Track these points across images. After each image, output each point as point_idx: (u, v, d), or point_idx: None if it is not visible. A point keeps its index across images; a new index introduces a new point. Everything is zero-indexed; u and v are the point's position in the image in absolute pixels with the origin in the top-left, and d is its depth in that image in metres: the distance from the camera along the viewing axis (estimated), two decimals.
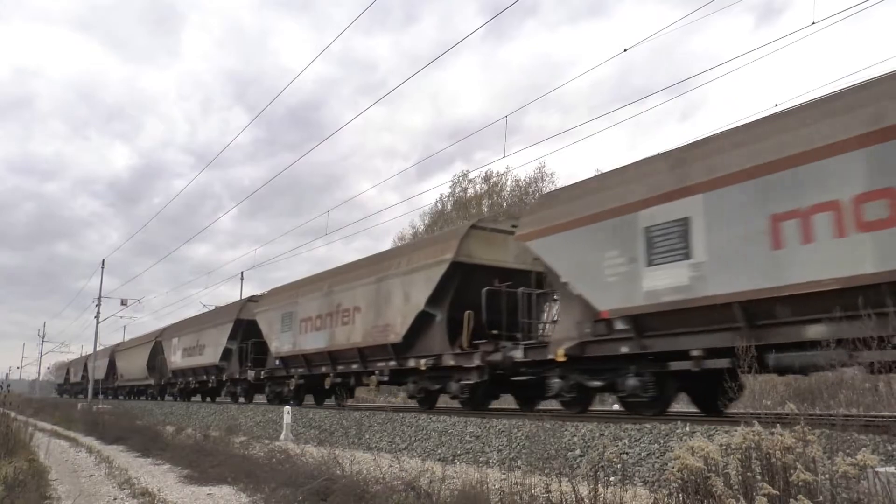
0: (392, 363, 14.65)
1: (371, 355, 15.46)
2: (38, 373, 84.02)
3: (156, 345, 33.40)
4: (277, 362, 20.13)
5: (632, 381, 9.59)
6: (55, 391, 71.42)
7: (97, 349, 43.04)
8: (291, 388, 19.30)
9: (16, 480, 6.96)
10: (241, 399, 24.45)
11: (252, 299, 24.38)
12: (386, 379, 15.24)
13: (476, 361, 12.33)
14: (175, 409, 25.21)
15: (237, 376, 23.71)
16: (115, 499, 7.44)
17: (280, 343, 19.79)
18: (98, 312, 41.25)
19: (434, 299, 13.41)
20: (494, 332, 12.34)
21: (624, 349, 9.58)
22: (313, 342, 17.84)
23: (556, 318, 12.41)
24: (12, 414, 14.41)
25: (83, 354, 56.35)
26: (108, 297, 43.52)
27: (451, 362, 12.93)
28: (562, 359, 10.30)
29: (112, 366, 43.99)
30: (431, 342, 13.58)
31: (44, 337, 72.44)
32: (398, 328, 14.18)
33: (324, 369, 17.60)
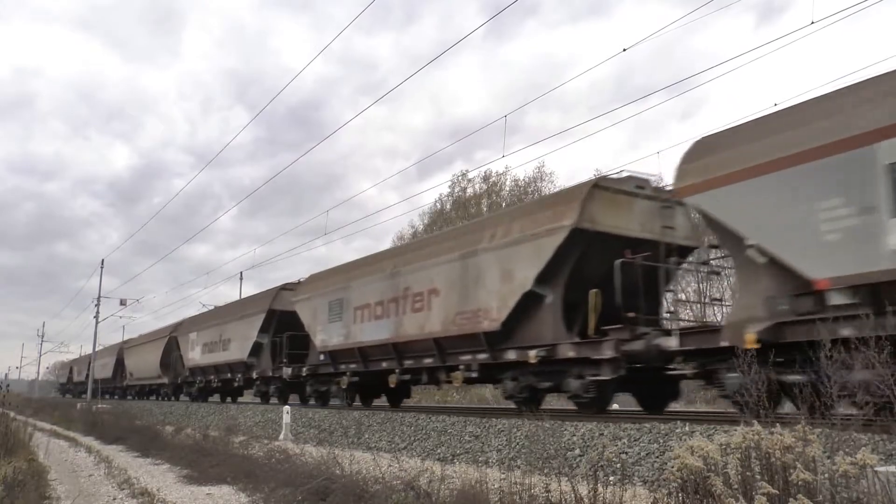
0: (483, 356, 12.26)
1: (452, 347, 13.09)
2: (38, 372, 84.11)
3: (170, 341, 31.38)
4: (323, 357, 17.51)
5: (862, 376, 7.71)
6: (57, 391, 69.58)
7: (97, 348, 43.02)
8: (343, 386, 16.93)
9: (15, 480, 6.95)
10: (274, 399, 22.38)
11: (287, 287, 21.60)
12: (475, 375, 12.80)
13: (608, 352, 10.04)
14: (174, 408, 25.19)
15: (269, 374, 21.25)
16: (114, 499, 7.44)
17: (327, 335, 17.13)
18: (97, 312, 41.31)
19: (545, 276, 11.09)
20: (631, 314, 10.19)
21: (846, 331, 6.95)
22: (373, 333, 15.24)
23: (715, 296, 10.73)
24: (11, 414, 14.40)
25: (88, 352, 53.73)
26: (107, 296, 43.64)
27: (571, 354, 10.62)
28: (753, 346, 7.86)
29: (120, 364, 41.87)
30: (540, 329, 11.27)
31: (43, 337, 72.45)
32: (494, 313, 11.79)
33: (385, 365, 15.03)
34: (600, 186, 11.25)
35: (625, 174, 11.77)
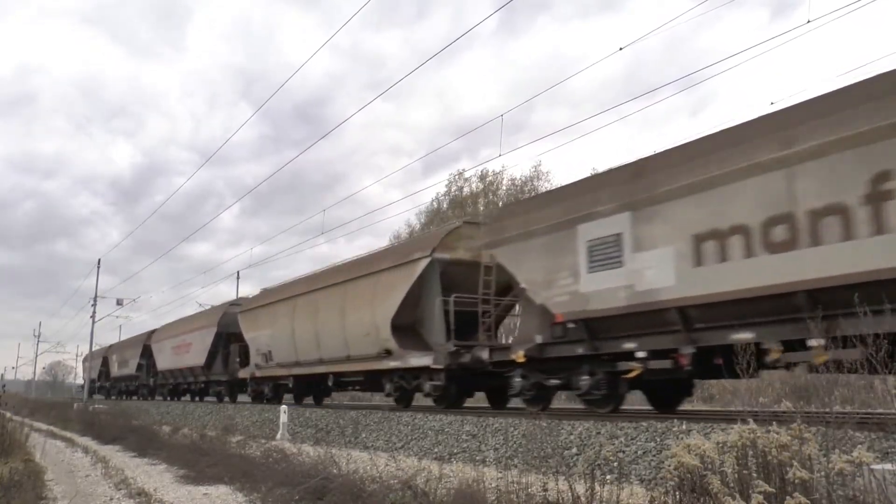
0: None
1: None
2: (34, 372, 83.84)
3: (429, 269, 13.66)
4: None
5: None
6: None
7: (89, 341, 42.86)
8: None
9: (12, 481, 6.94)
10: None
11: None
12: None
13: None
14: (171, 408, 25.13)
15: None
16: (111, 499, 7.43)
17: None
18: (94, 312, 41.19)
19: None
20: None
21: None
22: None
23: None
24: (8, 414, 14.39)
25: (134, 335, 37.27)
26: (104, 296, 43.36)
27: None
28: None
29: (223, 342, 25.08)
30: None
31: (39, 337, 72.02)
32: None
33: None
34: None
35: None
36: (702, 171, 8.61)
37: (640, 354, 9.42)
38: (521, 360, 11.28)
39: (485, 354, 12.29)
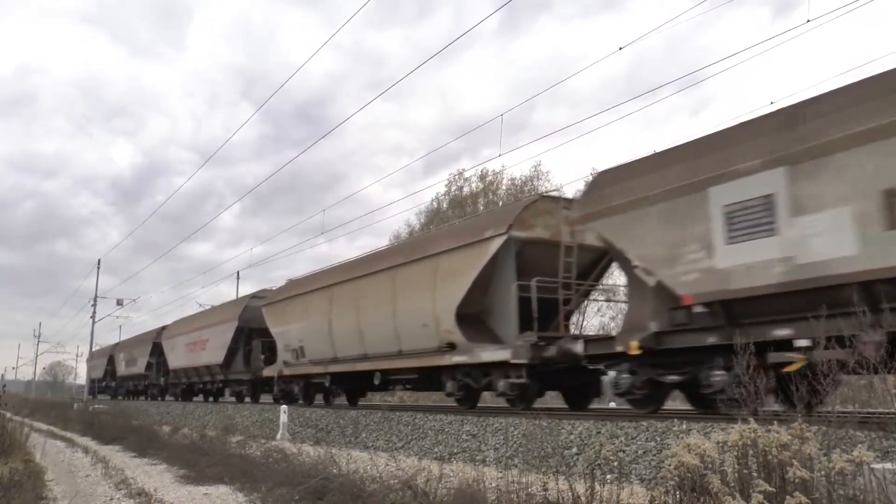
0: None
1: None
2: (34, 373, 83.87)
3: None
4: None
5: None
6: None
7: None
8: None
9: (12, 481, 6.94)
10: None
11: None
12: None
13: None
14: (171, 408, 25.14)
15: None
16: (111, 499, 7.43)
17: None
18: (94, 313, 41.21)
19: None
20: None
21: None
22: None
23: None
24: (8, 414, 14.39)
25: (153, 328, 34.45)
26: (104, 296, 43.35)
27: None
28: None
29: (244, 338, 23.30)
30: None
31: (39, 337, 72.05)
32: None
33: None
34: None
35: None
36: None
37: (802, 343, 7.39)
38: (636, 352, 9.30)
39: (578, 347, 10.46)
